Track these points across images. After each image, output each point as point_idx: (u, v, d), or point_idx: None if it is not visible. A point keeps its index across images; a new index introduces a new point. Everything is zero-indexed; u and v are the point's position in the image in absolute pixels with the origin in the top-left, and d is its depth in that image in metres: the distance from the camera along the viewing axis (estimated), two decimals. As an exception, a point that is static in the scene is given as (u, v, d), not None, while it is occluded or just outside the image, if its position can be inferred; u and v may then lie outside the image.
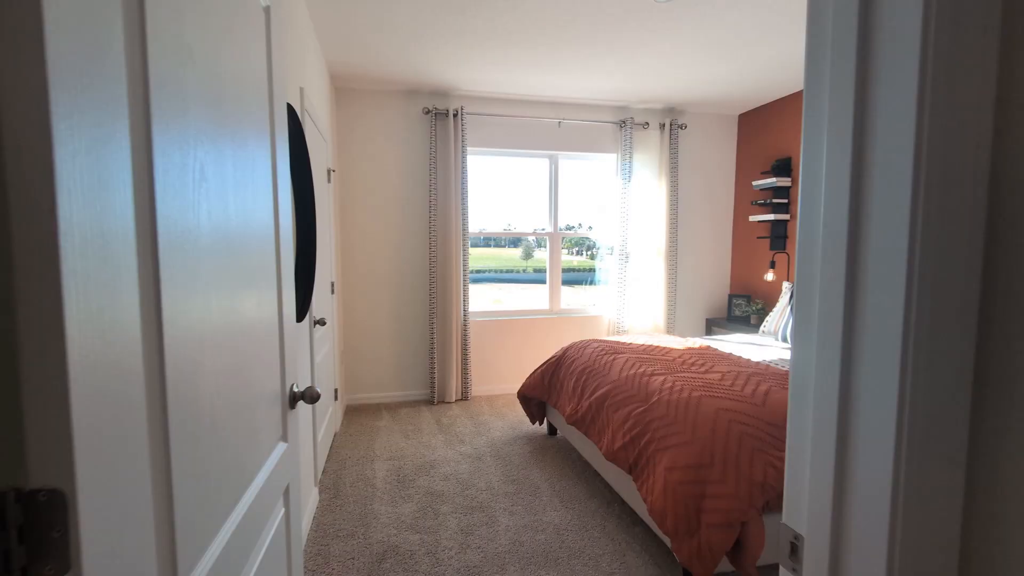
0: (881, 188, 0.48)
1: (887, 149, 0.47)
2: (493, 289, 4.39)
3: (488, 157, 4.08)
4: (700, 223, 4.46)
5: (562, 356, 2.97)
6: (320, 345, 2.58)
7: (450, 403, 3.78)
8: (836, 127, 0.52)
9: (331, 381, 2.99)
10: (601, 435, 2.24)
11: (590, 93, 3.84)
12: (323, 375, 2.66)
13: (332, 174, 3.05)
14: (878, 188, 0.48)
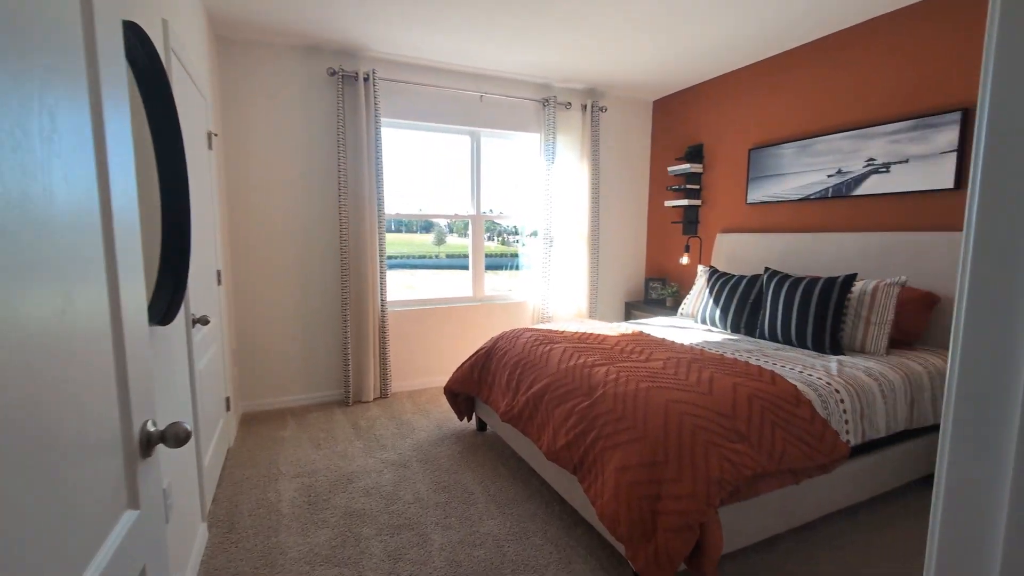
0: None
1: None
2: (407, 276, 4.03)
3: (404, 131, 3.68)
4: (619, 207, 4.45)
5: (492, 347, 2.75)
6: (203, 348, 2.10)
7: (367, 403, 3.40)
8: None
9: (221, 389, 2.50)
10: (541, 433, 2.06)
11: (513, 67, 3.59)
12: (209, 384, 2.18)
13: (214, 139, 2.51)
14: None
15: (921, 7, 2.58)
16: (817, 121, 3.12)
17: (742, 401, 1.73)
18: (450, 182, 3.91)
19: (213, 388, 2.28)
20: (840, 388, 1.96)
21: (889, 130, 2.73)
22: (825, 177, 3.06)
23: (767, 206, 3.45)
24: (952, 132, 2.48)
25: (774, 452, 1.63)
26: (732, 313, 2.91)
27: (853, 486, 1.99)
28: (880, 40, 2.77)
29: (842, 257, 2.88)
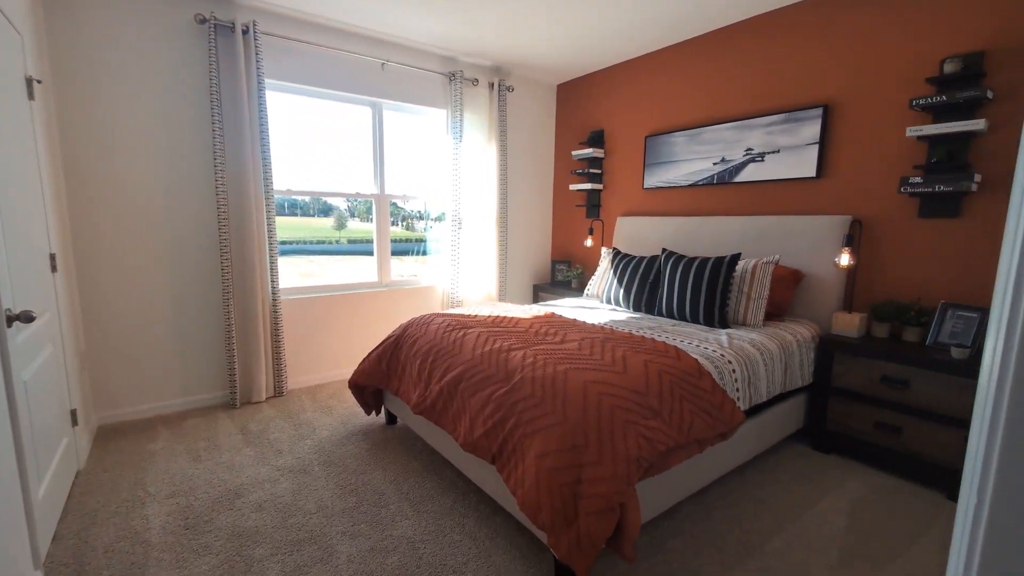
0: None
1: None
2: (304, 262, 3.62)
3: (297, 97, 3.24)
4: (526, 190, 4.41)
5: (402, 335, 2.54)
6: (30, 352, 1.65)
7: (259, 403, 3.00)
8: None
9: (62, 401, 2.01)
10: (456, 423, 1.93)
11: (418, 35, 3.32)
12: (43, 396, 1.72)
13: (36, 87, 1.96)
14: None
15: (792, 10, 2.80)
16: (706, 112, 3.29)
17: (654, 377, 1.76)
18: (351, 159, 3.55)
19: (49, 401, 1.82)
20: (732, 359, 2.09)
21: (765, 122, 2.96)
22: (711, 165, 3.26)
23: (662, 191, 3.61)
24: (815, 126, 2.75)
25: (683, 425, 1.67)
26: (634, 292, 3.00)
27: (741, 448, 2.15)
28: (759, 38, 2.97)
29: (726, 239, 3.10)
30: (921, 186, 2.29)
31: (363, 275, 3.71)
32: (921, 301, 2.42)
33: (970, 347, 2.11)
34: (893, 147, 2.47)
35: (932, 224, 2.37)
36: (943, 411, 2.08)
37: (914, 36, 2.37)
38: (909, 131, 2.30)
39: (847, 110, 2.63)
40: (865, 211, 2.59)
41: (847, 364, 2.39)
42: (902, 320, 2.38)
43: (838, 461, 2.37)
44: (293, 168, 3.30)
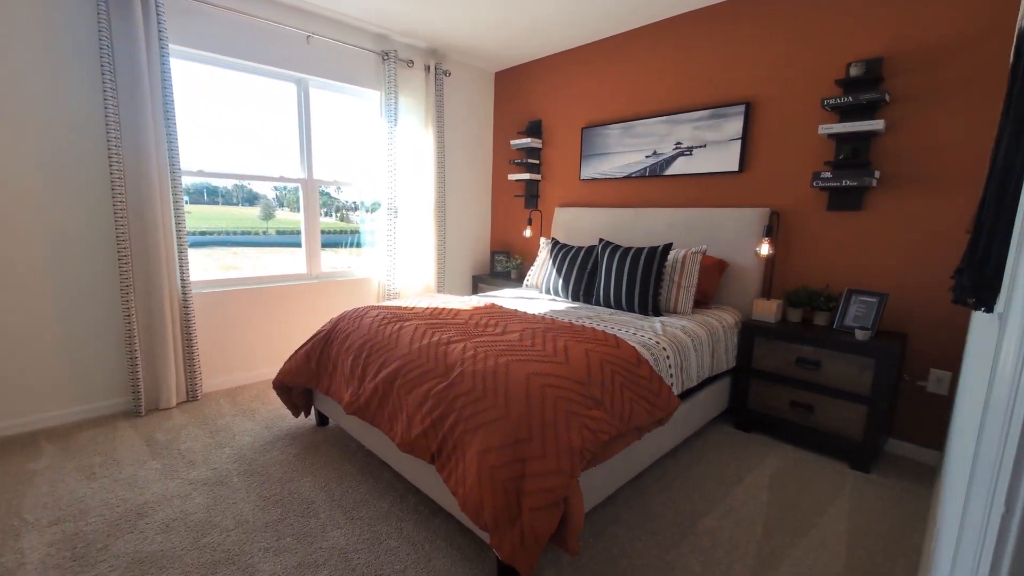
0: None
1: None
2: (227, 255, 3.27)
3: (209, 67, 2.88)
4: (465, 179, 4.28)
5: (333, 330, 2.35)
6: None
7: (169, 409, 2.67)
8: None
9: (-99, 419, 1.64)
10: (393, 422, 1.80)
11: (347, 7, 3.07)
12: None
13: None
14: None
15: (717, 9, 2.88)
16: (639, 105, 3.34)
17: (595, 366, 1.73)
18: (276, 141, 3.23)
19: None
20: (667, 346, 2.12)
21: (693, 117, 3.04)
22: (644, 158, 3.31)
23: (598, 182, 3.63)
24: (738, 122, 2.86)
25: (624, 414, 1.66)
26: (572, 282, 3.00)
27: (675, 431, 2.20)
28: (688, 34, 3.04)
29: (659, 229, 3.17)
30: (830, 181, 2.45)
31: (291, 267, 3.42)
32: (829, 288, 2.60)
33: (870, 329, 2.29)
34: (807, 144, 2.62)
35: (839, 216, 2.55)
36: (848, 388, 2.25)
37: (825, 40, 2.51)
38: (821, 129, 2.44)
39: (767, 108, 2.75)
40: (782, 204, 2.74)
41: (766, 348, 2.52)
42: (813, 305, 2.55)
43: (759, 439, 2.51)
44: (210, 149, 2.95)
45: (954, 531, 0.62)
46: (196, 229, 3.04)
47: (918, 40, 2.24)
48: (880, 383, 2.16)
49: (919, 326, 2.34)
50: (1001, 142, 0.93)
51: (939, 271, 2.26)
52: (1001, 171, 0.82)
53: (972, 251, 0.92)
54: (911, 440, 2.39)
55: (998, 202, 0.85)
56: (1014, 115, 0.80)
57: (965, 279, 0.90)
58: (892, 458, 2.35)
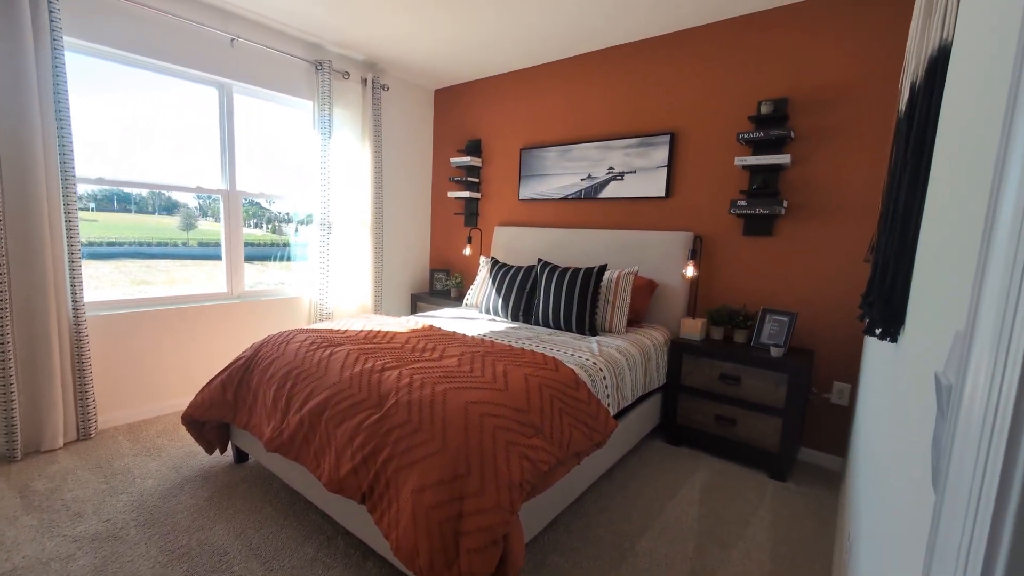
0: None
1: None
2: (139, 268, 2.91)
3: (117, 66, 2.56)
4: (404, 195, 4.15)
5: (254, 356, 2.13)
6: None
7: (54, 451, 2.28)
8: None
9: None
10: (320, 459, 1.64)
11: (275, 12, 2.87)
12: None
13: None
14: None
15: (644, 44, 3.02)
16: (573, 130, 3.41)
17: (534, 392, 1.69)
18: (195, 147, 2.93)
19: None
20: (603, 367, 2.13)
21: (623, 144, 3.15)
22: (579, 180, 3.38)
23: (536, 203, 3.66)
24: (664, 151, 2.99)
25: (563, 440, 1.63)
26: (512, 302, 2.96)
27: (611, 451, 2.21)
28: (617, 66, 3.16)
29: (594, 250, 3.23)
30: (745, 208, 2.62)
31: (209, 285, 3.10)
32: (747, 307, 2.76)
33: (783, 346, 2.45)
34: (725, 173, 2.79)
35: (753, 241, 2.73)
36: (766, 402, 2.38)
37: (741, 79, 2.70)
38: (736, 160, 2.61)
39: (690, 138, 2.91)
40: (705, 228, 2.89)
41: (693, 365, 2.62)
42: (733, 324, 2.69)
43: (688, 452, 2.59)
44: (119, 154, 2.61)
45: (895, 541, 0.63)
46: (103, 239, 2.68)
47: (814, 85, 2.47)
48: (792, 396, 2.30)
49: (823, 343, 2.54)
50: (896, 188, 1.01)
51: (840, 293, 2.47)
52: (902, 217, 0.88)
53: (880, 285, 0.98)
54: (819, 448, 2.57)
55: (900, 243, 0.91)
56: (911, 168, 0.86)
57: (875, 313, 0.95)
58: (805, 466, 2.51)
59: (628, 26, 2.88)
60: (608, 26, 2.87)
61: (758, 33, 2.62)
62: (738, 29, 2.68)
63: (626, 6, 2.59)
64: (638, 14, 2.70)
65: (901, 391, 0.83)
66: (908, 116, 1.00)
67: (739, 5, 2.55)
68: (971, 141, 0.57)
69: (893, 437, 0.84)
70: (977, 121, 0.55)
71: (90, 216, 2.68)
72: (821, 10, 2.42)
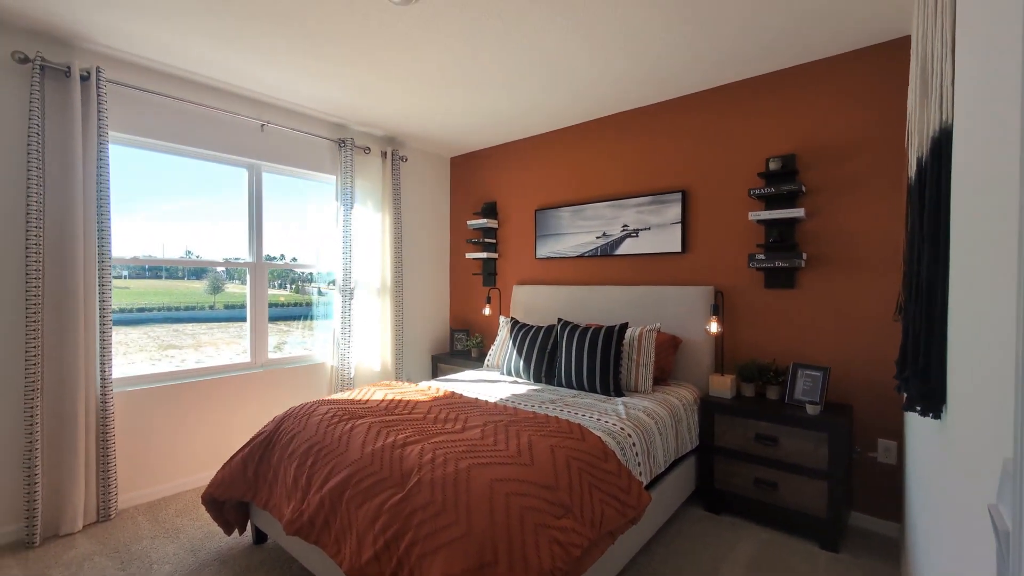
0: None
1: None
2: (168, 333, 2.98)
3: (152, 153, 2.76)
4: (422, 258, 4.24)
5: (276, 431, 2.11)
6: None
7: (72, 535, 2.24)
8: None
9: None
10: (340, 544, 1.58)
11: (303, 99, 3.10)
12: None
13: None
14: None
15: (651, 109, 3.15)
16: (586, 190, 3.50)
17: (561, 466, 1.62)
18: (224, 219, 3.09)
19: None
20: (631, 432, 2.05)
21: (636, 203, 3.21)
22: (595, 238, 3.43)
23: (553, 261, 3.70)
24: (676, 208, 3.03)
25: (595, 519, 1.54)
26: (534, 363, 2.92)
27: (648, 525, 2.07)
28: (626, 130, 3.28)
29: (612, 307, 3.21)
30: (764, 262, 2.59)
31: (234, 352, 3.14)
32: (776, 362, 2.67)
33: (819, 403, 2.33)
34: (740, 228, 2.80)
35: (776, 294, 2.68)
36: (807, 464, 2.24)
37: (748, 137, 2.77)
38: (750, 215, 2.62)
39: (701, 195, 2.95)
40: (725, 282, 2.86)
41: (726, 424, 2.50)
42: (764, 380, 2.59)
43: (729, 521, 2.42)
44: (152, 229, 2.77)
45: None
46: (133, 306, 2.78)
47: (822, 140, 2.51)
48: (835, 457, 2.16)
49: (861, 398, 2.41)
50: (916, 260, 0.99)
51: (872, 346, 2.37)
52: (927, 292, 0.86)
53: (915, 361, 0.94)
54: (871, 512, 2.37)
55: (928, 317, 0.88)
56: (929, 245, 0.85)
57: (912, 390, 0.91)
58: (857, 533, 2.32)
59: (633, 97, 3.03)
60: (614, 97, 3.01)
61: (760, 94, 2.72)
62: (739, 92, 2.79)
63: (630, 82, 2.74)
64: (642, 87, 2.84)
65: (952, 481, 0.77)
66: (919, 191, 1.00)
67: (737, 71, 2.66)
68: (989, 224, 0.56)
69: (951, 532, 0.77)
70: (992, 205, 0.55)
71: (122, 284, 2.80)
72: (820, 71, 2.52)
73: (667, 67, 2.61)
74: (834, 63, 2.47)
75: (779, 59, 2.52)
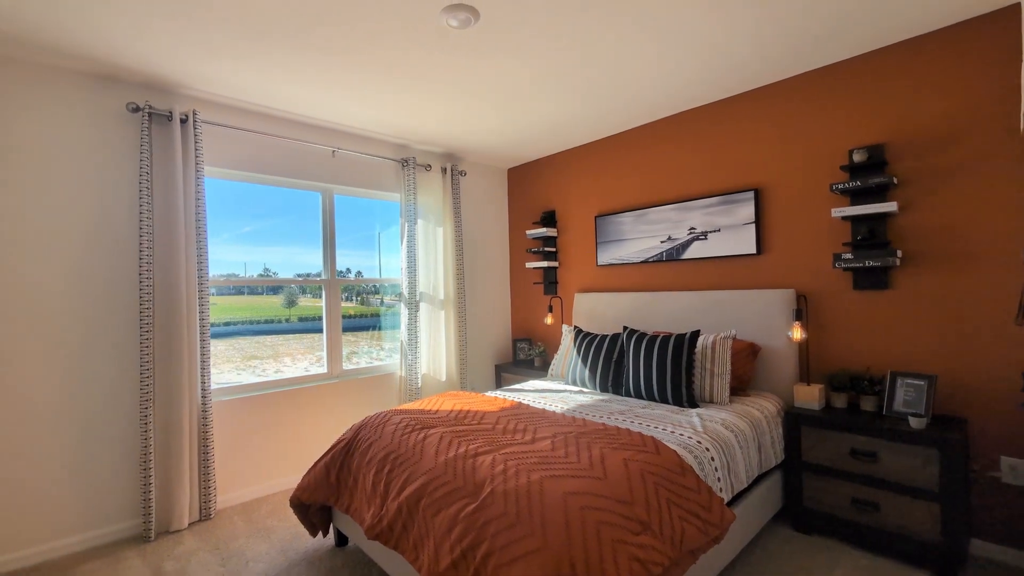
0: None
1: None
2: (250, 344, 3.27)
3: (238, 183, 3.06)
4: (483, 269, 4.34)
5: (354, 439, 2.24)
6: None
7: (180, 532, 2.50)
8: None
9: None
10: (419, 550, 1.64)
11: (370, 124, 3.31)
12: None
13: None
14: None
15: (723, 104, 3.04)
16: (648, 194, 3.43)
17: (636, 480, 1.59)
18: (304, 238, 3.35)
19: None
20: (709, 446, 1.97)
21: (704, 204, 3.10)
22: (659, 243, 3.34)
23: (615, 267, 3.65)
24: (749, 207, 2.89)
25: (675, 536, 1.49)
26: (599, 373, 2.89)
27: (730, 544, 1.97)
28: (692, 129, 3.18)
29: (680, 313, 3.11)
30: (852, 261, 2.41)
31: (317, 364, 3.39)
32: (871, 370, 2.46)
33: (925, 415, 2.12)
34: (823, 226, 2.62)
35: (867, 296, 2.47)
36: (914, 483, 2.03)
37: (826, 129, 2.60)
38: (834, 212, 2.45)
39: (776, 193, 2.80)
40: (806, 284, 2.68)
41: (815, 438, 2.33)
42: (857, 390, 2.39)
43: (822, 543, 2.24)
44: (243, 249, 3.07)
45: None
46: (220, 320, 3.07)
47: (917, 126, 2.30)
48: (949, 476, 1.95)
49: (976, 410, 2.16)
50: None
51: (988, 351, 2.12)
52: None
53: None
54: (997, 540, 2.11)
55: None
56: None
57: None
58: (981, 563, 2.06)
59: (696, 95, 2.94)
60: (676, 97, 2.94)
61: (839, 82, 2.55)
62: (818, 81, 2.63)
63: (692, 79, 2.66)
64: (705, 84, 2.76)
65: None
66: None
67: (816, 59, 2.51)
68: None
69: None
70: None
71: (211, 300, 3.11)
72: (907, 53, 2.32)
73: (731, 59, 2.51)
74: (924, 42, 2.27)
75: (858, 43, 2.35)
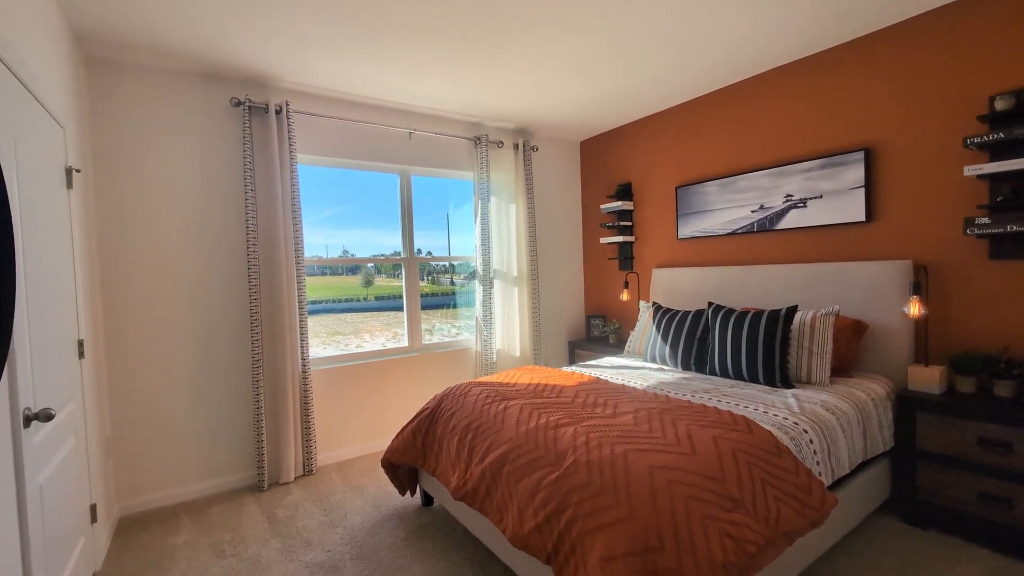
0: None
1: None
2: (333, 321, 3.56)
3: (323, 168, 3.29)
4: (556, 245, 4.33)
5: (437, 408, 2.38)
6: (49, 451, 1.54)
7: (288, 484, 2.82)
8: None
9: (83, 496, 1.88)
10: (503, 513, 1.72)
11: (445, 104, 3.38)
12: (60, 495, 1.60)
13: (76, 176, 1.98)
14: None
15: (824, 55, 2.74)
16: (736, 160, 3.21)
17: (727, 458, 1.54)
18: (379, 220, 3.55)
19: (67, 499, 1.69)
20: (808, 428, 1.85)
21: (803, 168, 2.84)
22: (749, 212, 3.13)
23: (698, 241, 3.48)
24: (858, 170, 2.61)
25: (770, 516, 1.44)
26: (681, 350, 2.80)
27: (828, 529, 1.86)
28: (786, 88, 2.91)
29: (773, 288, 2.91)
30: (990, 227, 2.10)
31: (394, 340, 3.62)
32: (1009, 350, 2.16)
33: (1084, 405, 1.83)
34: (950, 187, 2.31)
35: (1008, 266, 2.16)
36: (1065, 483, 1.78)
37: (959, 74, 2.26)
38: (967, 170, 2.14)
39: (892, 152, 2.50)
40: (928, 255, 2.39)
41: (934, 425, 2.11)
42: (990, 373, 2.12)
43: (940, 538, 2.04)
44: (323, 232, 3.32)
45: None
46: (309, 300, 3.36)
47: (1089, 60, 1.93)
48: (1115, 478, 1.68)
49: None
50: None
51: None
52: None
53: None
54: None
55: None
56: None
57: None
58: None
59: (791, 49, 2.67)
60: (768, 52, 2.70)
61: (982, 16, 2.19)
62: (950, 18, 2.28)
63: (788, 29, 2.42)
64: (803, 34, 2.49)
65: None
66: None
67: (947, -12, 2.18)
68: None
69: None
70: None
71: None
72: (1081, -34, 1.93)
73: (839, 3, 2.24)
74: (1106, -49, 1.88)
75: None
